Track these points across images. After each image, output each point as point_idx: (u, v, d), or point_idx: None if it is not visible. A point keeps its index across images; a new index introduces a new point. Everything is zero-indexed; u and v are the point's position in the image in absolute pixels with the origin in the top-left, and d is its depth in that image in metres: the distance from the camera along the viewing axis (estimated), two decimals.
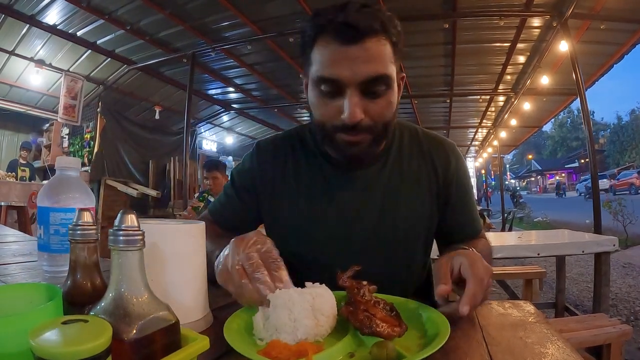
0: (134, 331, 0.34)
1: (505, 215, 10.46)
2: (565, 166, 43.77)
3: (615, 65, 6.02)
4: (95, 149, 6.42)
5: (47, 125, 7.28)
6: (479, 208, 1.10)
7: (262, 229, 0.96)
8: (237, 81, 7.22)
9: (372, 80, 0.74)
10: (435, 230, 0.96)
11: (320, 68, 0.76)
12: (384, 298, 0.57)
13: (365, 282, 0.59)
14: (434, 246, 1.01)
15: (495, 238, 3.14)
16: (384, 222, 0.88)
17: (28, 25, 4.76)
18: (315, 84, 0.78)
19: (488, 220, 7.39)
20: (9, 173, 5.71)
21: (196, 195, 4.26)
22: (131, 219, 0.38)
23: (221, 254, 0.62)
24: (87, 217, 0.47)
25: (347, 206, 0.88)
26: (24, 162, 6.38)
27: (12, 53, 5.25)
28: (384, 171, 0.90)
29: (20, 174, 6.01)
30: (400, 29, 0.78)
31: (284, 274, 0.58)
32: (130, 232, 0.37)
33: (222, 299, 0.71)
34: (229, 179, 1.02)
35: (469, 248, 0.74)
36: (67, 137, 6.96)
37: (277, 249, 0.61)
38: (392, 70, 0.77)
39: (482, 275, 0.62)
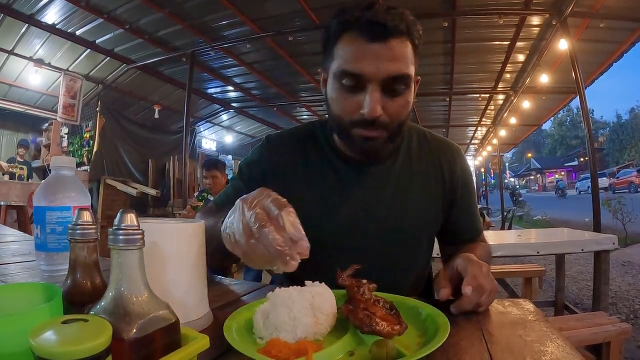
0: (134, 330, 0.34)
1: (505, 213, 10.47)
2: (565, 164, 43.79)
3: (614, 63, 6.03)
4: (95, 148, 6.41)
5: (47, 124, 7.26)
6: (478, 206, 1.12)
7: None
8: (237, 80, 7.21)
9: (394, 79, 0.76)
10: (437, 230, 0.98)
11: (343, 62, 0.78)
12: (384, 296, 0.57)
13: (364, 281, 0.59)
14: (435, 245, 1.02)
15: (494, 236, 3.15)
16: (391, 220, 0.89)
17: (27, 25, 4.74)
18: (336, 78, 0.79)
19: (488, 219, 7.40)
20: (11, 164, 5.70)
21: (195, 194, 4.26)
22: (131, 218, 0.38)
23: (227, 219, 0.57)
24: (87, 217, 0.47)
25: (358, 203, 0.89)
26: (21, 159, 6.37)
27: (11, 52, 5.24)
28: (393, 170, 0.92)
29: (17, 172, 6.00)
30: (421, 33, 0.80)
31: (294, 219, 0.52)
32: (130, 231, 0.37)
33: (222, 298, 0.71)
34: (238, 171, 1.00)
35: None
36: (66, 136, 6.95)
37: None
38: (412, 71, 0.79)
39: (479, 263, 0.66)
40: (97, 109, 6.46)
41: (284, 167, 0.93)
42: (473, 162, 18.88)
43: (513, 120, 9.20)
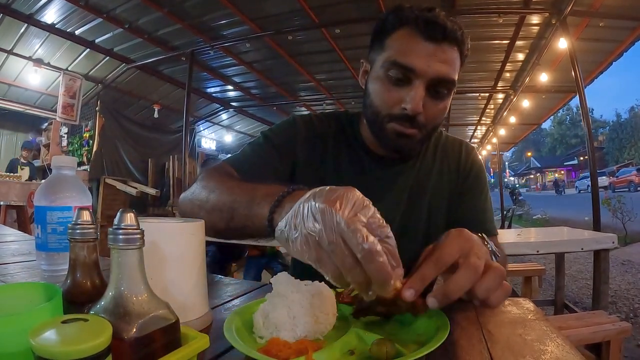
0: (134, 330, 0.34)
1: (505, 212, 10.47)
2: (564, 163, 43.83)
3: (614, 62, 6.03)
4: (94, 148, 6.41)
5: (46, 124, 7.27)
6: None
7: None
8: (236, 79, 7.21)
9: (441, 81, 0.78)
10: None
11: (395, 54, 0.79)
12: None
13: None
14: None
15: None
16: (407, 220, 0.91)
17: (26, 25, 4.75)
18: (383, 68, 0.80)
19: None
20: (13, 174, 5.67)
21: None
22: (130, 218, 0.38)
23: (295, 217, 0.47)
24: (86, 216, 0.47)
25: (382, 202, 0.88)
26: (25, 161, 6.37)
27: (10, 52, 5.24)
28: (413, 169, 0.94)
29: (20, 173, 5.98)
30: (469, 47, 0.83)
31: (394, 246, 0.44)
32: (130, 230, 0.37)
33: (222, 298, 0.71)
34: (262, 138, 0.95)
35: None
36: (66, 136, 6.95)
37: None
38: (456, 79, 0.81)
39: (460, 237, 0.56)
40: (97, 108, 6.46)
41: (315, 152, 0.93)
42: None
43: (513, 119, 9.21)
